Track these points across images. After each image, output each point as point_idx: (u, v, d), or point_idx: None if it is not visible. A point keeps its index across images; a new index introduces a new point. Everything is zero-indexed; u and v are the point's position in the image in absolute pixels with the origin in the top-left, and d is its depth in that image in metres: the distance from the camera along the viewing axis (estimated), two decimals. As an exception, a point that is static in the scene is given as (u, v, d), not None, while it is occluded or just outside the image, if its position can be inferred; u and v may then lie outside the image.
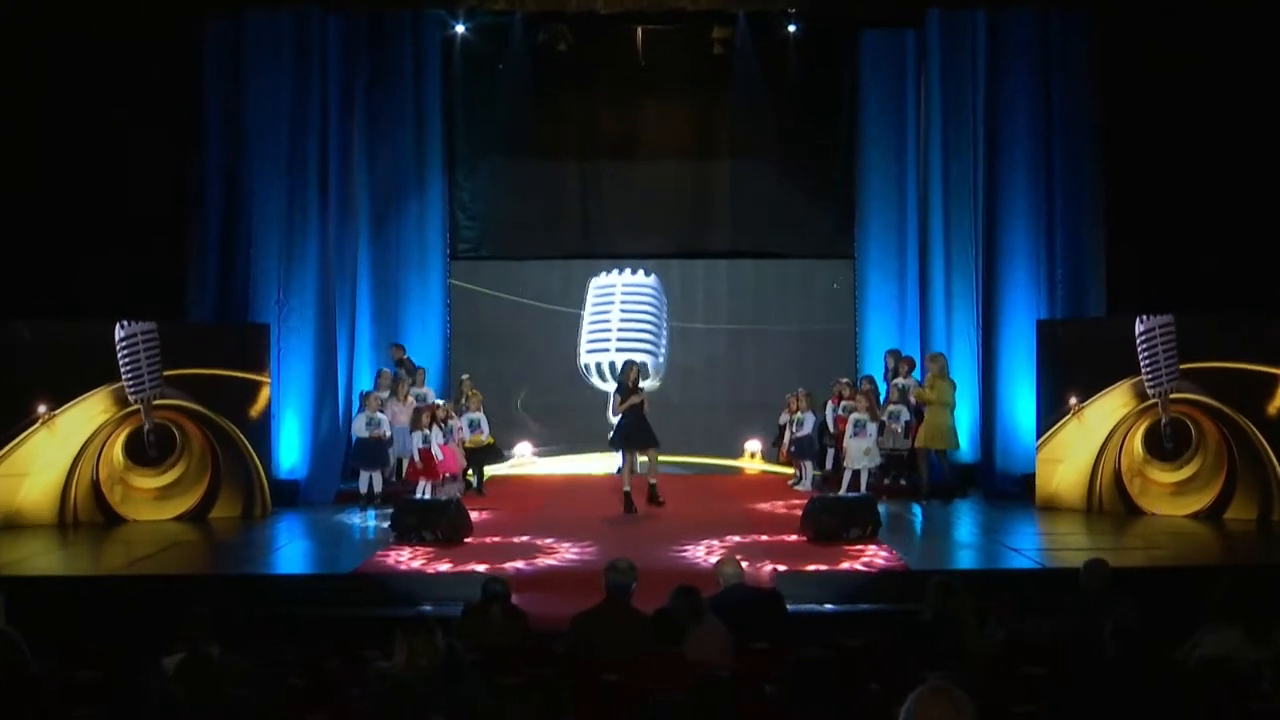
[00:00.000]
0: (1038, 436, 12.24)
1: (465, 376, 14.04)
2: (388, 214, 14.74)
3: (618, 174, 15.63)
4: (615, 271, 15.57)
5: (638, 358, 14.80)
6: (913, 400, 12.71)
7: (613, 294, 15.50)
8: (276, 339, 12.59)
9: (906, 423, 12.77)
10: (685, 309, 15.76)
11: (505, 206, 15.59)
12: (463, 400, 13.53)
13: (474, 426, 13.24)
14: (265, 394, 12.06)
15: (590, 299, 15.57)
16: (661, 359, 15.34)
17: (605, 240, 15.65)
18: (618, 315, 15.38)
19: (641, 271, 15.53)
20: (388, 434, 12.63)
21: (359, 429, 12.54)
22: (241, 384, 11.91)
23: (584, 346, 15.47)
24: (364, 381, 13.84)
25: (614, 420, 12.22)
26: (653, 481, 11.92)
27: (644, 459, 11.92)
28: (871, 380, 13.51)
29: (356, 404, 13.22)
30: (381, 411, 12.60)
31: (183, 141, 12.82)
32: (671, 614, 5.94)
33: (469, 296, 15.50)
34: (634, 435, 11.80)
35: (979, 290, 13.38)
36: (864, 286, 15.17)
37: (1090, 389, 11.82)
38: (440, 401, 13.32)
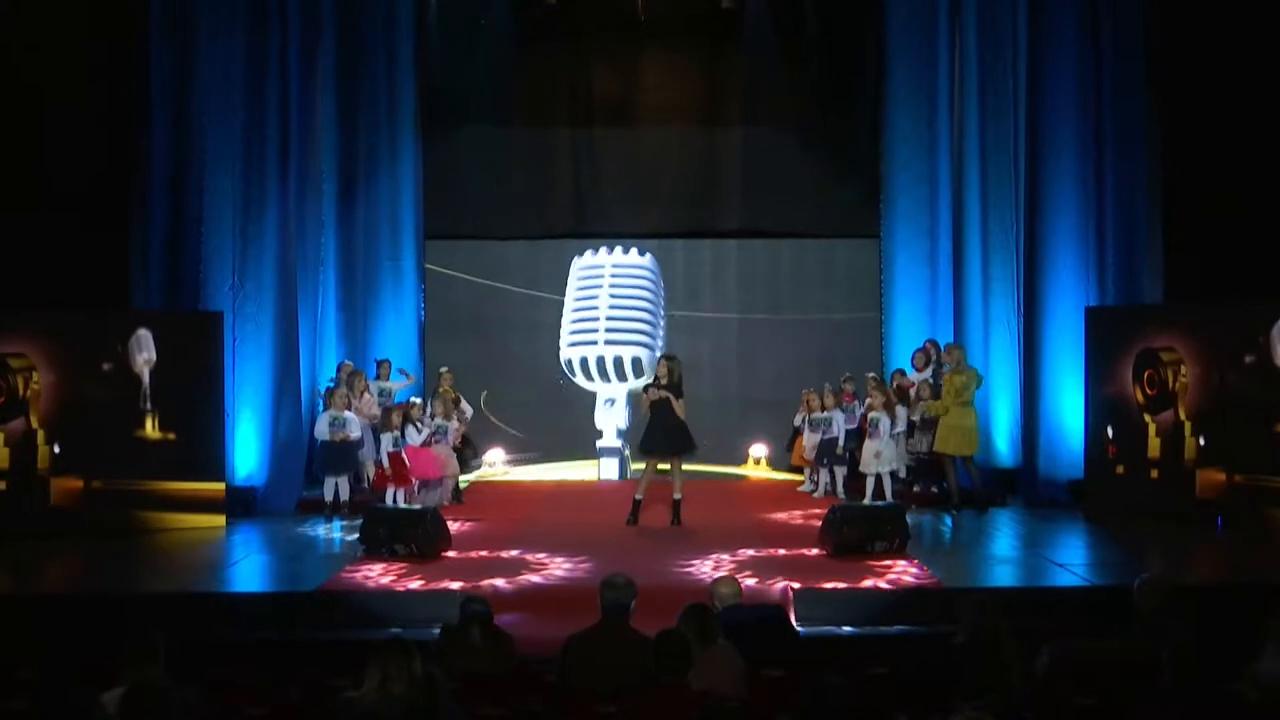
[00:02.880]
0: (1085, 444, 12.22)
1: (444, 370, 13.92)
2: (356, 188, 14.72)
3: (614, 143, 15.63)
4: (604, 250, 15.36)
5: (630, 351, 14.76)
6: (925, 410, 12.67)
7: (601, 276, 15.22)
8: (231, 328, 12.56)
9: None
10: (690, 295, 15.77)
11: (487, 180, 15.57)
12: (436, 399, 13.47)
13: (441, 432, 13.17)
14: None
15: (574, 282, 15.40)
16: (658, 353, 14.13)
17: (600, 217, 15.66)
18: (606, 301, 15.06)
19: (635, 250, 15.35)
20: (355, 435, 12.60)
21: (321, 431, 12.51)
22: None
23: (566, 339, 15.26)
24: (329, 377, 13.82)
25: (602, 421, 12.03)
26: (677, 497, 11.66)
27: (666, 467, 11.79)
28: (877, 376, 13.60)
29: (320, 403, 13.19)
30: (348, 410, 12.58)
31: (124, 107, 12.76)
32: (676, 636, 5.93)
33: (444, 280, 15.52)
34: (662, 439, 11.62)
35: (1020, 274, 13.37)
36: (891, 269, 15.14)
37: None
38: (416, 399, 13.31)
